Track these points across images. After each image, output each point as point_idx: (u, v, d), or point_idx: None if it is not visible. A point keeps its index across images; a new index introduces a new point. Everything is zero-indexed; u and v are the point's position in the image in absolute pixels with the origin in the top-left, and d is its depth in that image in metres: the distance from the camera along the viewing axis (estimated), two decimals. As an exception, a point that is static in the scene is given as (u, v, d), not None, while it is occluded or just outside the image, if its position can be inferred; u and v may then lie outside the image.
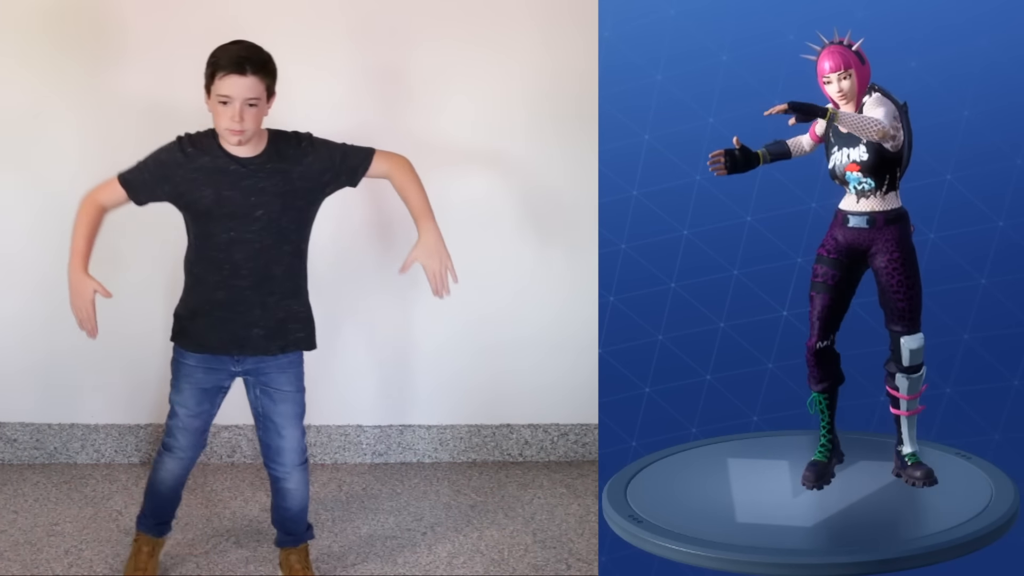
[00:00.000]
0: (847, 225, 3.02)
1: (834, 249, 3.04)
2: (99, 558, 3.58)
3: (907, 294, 3.02)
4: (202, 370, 3.16)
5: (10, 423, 4.27)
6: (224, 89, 2.91)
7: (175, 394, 3.19)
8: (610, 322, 3.59)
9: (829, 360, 3.08)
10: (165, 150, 3.05)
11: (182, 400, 3.18)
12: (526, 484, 4.31)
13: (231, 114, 2.92)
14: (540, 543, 3.81)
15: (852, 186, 2.99)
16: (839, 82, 2.94)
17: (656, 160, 3.58)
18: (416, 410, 4.46)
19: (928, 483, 3.07)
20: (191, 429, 3.21)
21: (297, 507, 3.35)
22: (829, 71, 2.94)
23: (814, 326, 3.05)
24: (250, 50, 2.95)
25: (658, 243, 3.58)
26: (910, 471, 3.12)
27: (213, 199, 3.02)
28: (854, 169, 2.97)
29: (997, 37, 3.52)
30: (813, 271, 3.06)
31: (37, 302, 4.16)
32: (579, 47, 4.03)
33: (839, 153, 2.99)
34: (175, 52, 3.96)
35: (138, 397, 4.30)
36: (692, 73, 3.59)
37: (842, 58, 2.94)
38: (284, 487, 3.29)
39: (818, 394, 3.12)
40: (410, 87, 4.17)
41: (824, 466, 3.13)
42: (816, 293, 3.04)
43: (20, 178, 4.10)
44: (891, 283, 3.01)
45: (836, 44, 2.96)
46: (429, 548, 3.75)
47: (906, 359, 3.05)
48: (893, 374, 3.11)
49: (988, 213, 3.50)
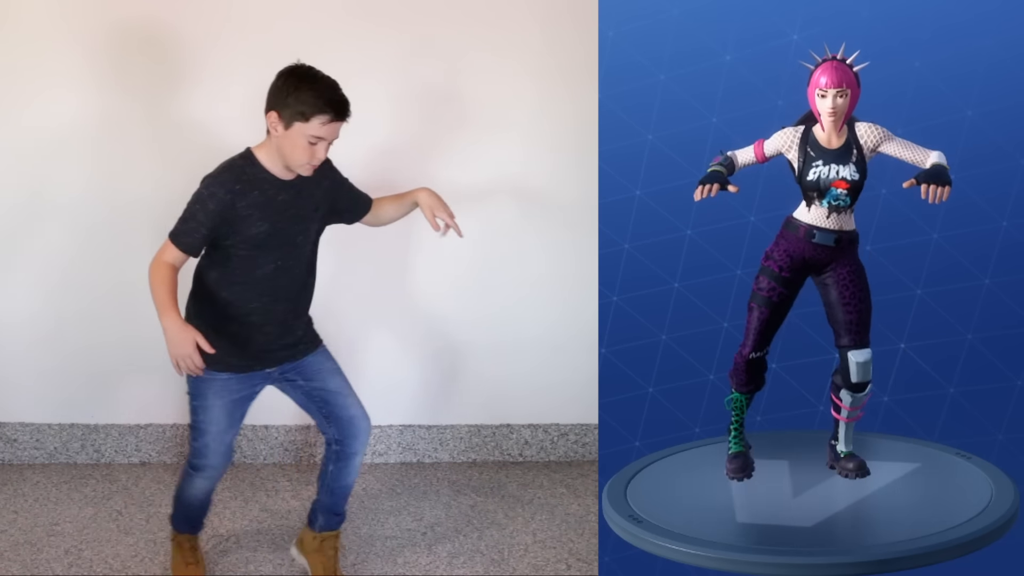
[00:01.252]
0: (811, 240, 3.02)
1: (787, 267, 3.02)
2: (99, 558, 3.60)
3: (857, 307, 3.03)
4: (236, 382, 3.16)
5: (10, 423, 4.29)
6: (320, 132, 2.92)
7: (202, 414, 3.16)
8: (613, 322, 3.59)
9: (758, 368, 3.12)
10: (209, 198, 2.96)
11: (212, 418, 3.16)
12: (526, 484, 4.33)
13: (317, 153, 2.95)
14: (540, 543, 3.83)
15: (827, 201, 2.99)
16: (835, 99, 2.92)
17: (659, 160, 3.58)
18: (416, 410, 4.48)
19: (861, 474, 3.11)
20: (223, 445, 3.21)
21: (354, 481, 3.40)
22: (828, 85, 2.92)
23: (749, 337, 3.06)
24: (337, 89, 2.96)
25: (661, 243, 3.59)
26: (843, 463, 3.15)
27: (268, 231, 3.03)
28: (841, 186, 2.97)
29: (1001, 37, 3.51)
30: (757, 281, 3.05)
31: (40, 305, 4.19)
32: (581, 47, 4.05)
33: (825, 168, 2.98)
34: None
35: (138, 397, 4.33)
36: (695, 73, 3.59)
37: (843, 75, 2.92)
38: (355, 464, 3.34)
39: (741, 395, 3.16)
40: (411, 87, 4.19)
41: (745, 456, 3.17)
42: (757, 305, 3.04)
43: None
44: (843, 295, 3.03)
45: (839, 60, 2.94)
46: (429, 548, 3.77)
47: (854, 375, 3.06)
48: (839, 386, 3.13)
49: (992, 213, 3.49)
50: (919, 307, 3.53)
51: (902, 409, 3.50)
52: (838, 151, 2.98)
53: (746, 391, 3.15)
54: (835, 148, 2.98)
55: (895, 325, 3.52)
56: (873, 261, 3.47)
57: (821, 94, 2.93)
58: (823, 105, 2.94)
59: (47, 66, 3.99)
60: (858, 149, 2.98)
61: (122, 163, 4.07)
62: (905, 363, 3.52)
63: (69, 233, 4.13)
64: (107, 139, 4.07)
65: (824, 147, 2.98)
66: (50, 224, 4.11)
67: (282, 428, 4.40)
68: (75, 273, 4.18)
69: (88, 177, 4.09)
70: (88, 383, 4.31)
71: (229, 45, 4.02)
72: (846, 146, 2.98)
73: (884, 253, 3.49)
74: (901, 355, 3.52)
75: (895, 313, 3.52)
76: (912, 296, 3.52)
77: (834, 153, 2.98)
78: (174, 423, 4.36)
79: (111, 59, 4.00)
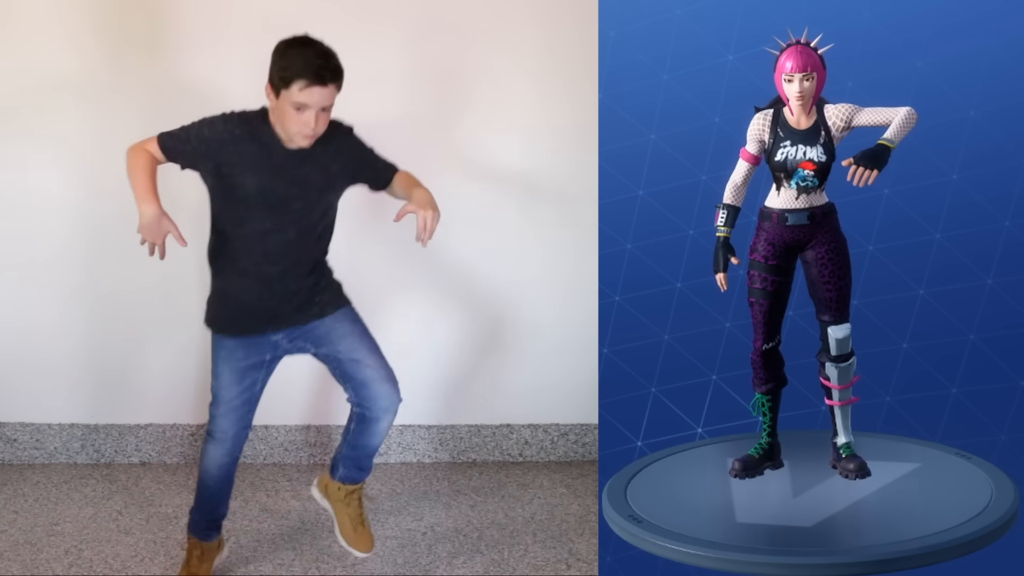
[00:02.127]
0: (785, 224, 3.07)
1: (771, 255, 3.09)
2: (99, 558, 3.61)
3: (836, 284, 3.09)
4: (242, 349, 3.19)
5: (10, 423, 4.31)
6: (302, 98, 2.90)
7: (215, 380, 3.22)
8: (616, 322, 3.60)
9: (774, 362, 3.17)
10: (209, 125, 3.02)
11: (222, 384, 3.21)
12: (526, 484, 4.35)
13: (305, 120, 2.93)
14: (540, 543, 3.84)
15: (794, 182, 3.04)
16: (801, 82, 2.98)
17: (662, 160, 3.59)
18: (416, 410, 4.43)
19: (861, 475, 3.14)
20: (233, 412, 3.23)
21: (379, 443, 3.39)
22: (793, 70, 2.97)
23: (758, 330, 3.13)
24: (326, 56, 2.93)
25: (664, 243, 3.60)
26: (844, 464, 3.18)
27: (255, 187, 3.02)
28: (808, 167, 3.02)
29: (1003, 36, 3.53)
30: (750, 277, 3.12)
31: (38, 304, 4.20)
32: (581, 47, 4.06)
33: (792, 149, 3.03)
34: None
35: (138, 397, 4.34)
36: (698, 73, 3.60)
37: (808, 59, 2.97)
38: (383, 425, 3.33)
39: (762, 395, 3.19)
40: (413, 87, 4.21)
41: (754, 461, 3.21)
42: (756, 299, 3.11)
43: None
44: (823, 273, 3.09)
45: (802, 44, 3.00)
46: (429, 548, 3.78)
47: (834, 349, 3.13)
48: (824, 363, 3.18)
49: (994, 213, 3.51)
50: (921, 307, 3.54)
51: (904, 409, 3.51)
52: (806, 132, 3.03)
53: (767, 388, 3.18)
54: (803, 129, 3.03)
55: (898, 325, 3.54)
56: (876, 261, 3.50)
57: (788, 79, 2.99)
58: (790, 89, 3.00)
59: (48, 66, 4.02)
60: (826, 131, 3.02)
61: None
62: (907, 363, 3.54)
63: (70, 234, 4.15)
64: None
65: (793, 128, 3.04)
66: (51, 225, 4.13)
67: (282, 428, 4.41)
68: (75, 274, 4.20)
69: (88, 180, 4.12)
70: (88, 383, 4.33)
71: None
72: (814, 127, 3.03)
73: (887, 253, 3.52)
74: (904, 355, 3.54)
75: (898, 313, 3.55)
76: (915, 296, 3.54)
77: (802, 134, 3.03)
78: (174, 423, 4.38)
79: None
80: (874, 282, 3.50)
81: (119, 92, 4.05)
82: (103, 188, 4.05)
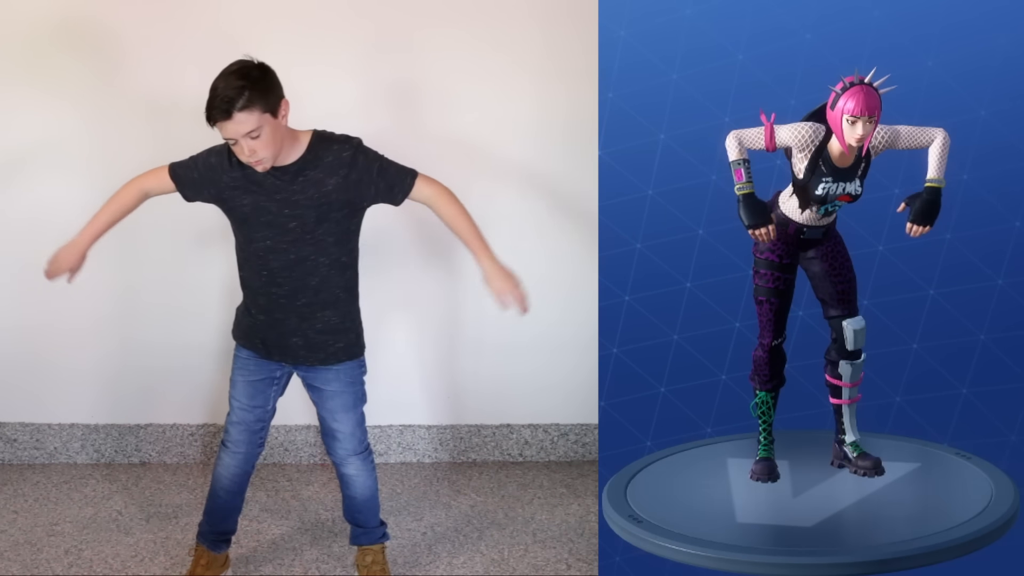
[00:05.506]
0: (801, 236, 3.12)
1: (785, 253, 3.13)
2: (99, 558, 3.65)
3: (846, 276, 3.16)
4: (254, 362, 3.28)
5: (10, 423, 4.37)
6: (224, 133, 2.94)
7: (231, 388, 3.32)
8: (625, 321, 3.62)
9: (779, 360, 3.22)
10: (215, 153, 3.11)
11: (236, 393, 3.30)
12: (526, 484, 4.37)
13: (239, 151, 2.98)
14: (540, 543, 3.87)
15: (827, 208, 3.07)
16: (864, 125, 2.92)
17: (672, 159, 3.61)
18: (416, 410, 4.52)
19: (876, 473, 3.18)
20: (244, 423, 3.31)
21: (361, 496, 3.43)
22: (858, 112, 2.90)
23: (767, 328, 3.18)
24: (229, 86, 2.90)
25: (673, 242, 3.62)
26: (859, 461, 3.21)
27: (252, 207, 3.09)
28: (846, 200, 3.06)
29: (1015, 35, 3.53)
30: (758, 275, 3.15)
31: (38, 304, 4.24)
32: (583, 46, 4.06)
33: (834, 185, 3.02)
34: (181, 53, 4.07)
35: (138, 398, 4.40)
36: (708, 72, 3.62)
37: (874, 102, 2.91)
38: (343, 472, 3.40)
39: (766, 393, 3.24)
40: (413, 87, 4.26)
41: (773, 462, 3.25)
42: (766, 298, 3.15)
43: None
44: (833, 267, 3.15)
45: (868, 85, 2.92)
46: (429, 548, 3.81)
47: (850, 342, 3.17)
48: (835, 362, 3.22)
49: (1005, 213, 3.53)
50: (931, 307, 3.56)
51: (914, 409, 3.54)
52: (849, 168, 3.03)
53: (771, 387, 3.23)
54: (847, 167, 3.03)
55: (907, 325, 3.56)
56: (885, 261, 3.52)
57: (851, 120, 2.92)
58: (851, 132, 2.93)
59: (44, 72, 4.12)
60: (867, 162, 3.04)
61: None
62: (917, 363, 3.56)
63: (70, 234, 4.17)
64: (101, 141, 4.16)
65: (836, 164, 3.02)
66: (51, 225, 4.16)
67: (283, 428, 4.44)
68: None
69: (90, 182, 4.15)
70: (88, 384, 4.38)
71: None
72: (856, 161, 3.03)
73: (896, 253, 3.53)
74: (913, 355, 3.56)
75: (907, 313, 3.57)
76: (925, 296, 3.56)
77: (844, 171, 3.03)
78: (174, 423, 4.43)
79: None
80: (884, 282, 3.51)
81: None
82: (103, 190, 4.10)
